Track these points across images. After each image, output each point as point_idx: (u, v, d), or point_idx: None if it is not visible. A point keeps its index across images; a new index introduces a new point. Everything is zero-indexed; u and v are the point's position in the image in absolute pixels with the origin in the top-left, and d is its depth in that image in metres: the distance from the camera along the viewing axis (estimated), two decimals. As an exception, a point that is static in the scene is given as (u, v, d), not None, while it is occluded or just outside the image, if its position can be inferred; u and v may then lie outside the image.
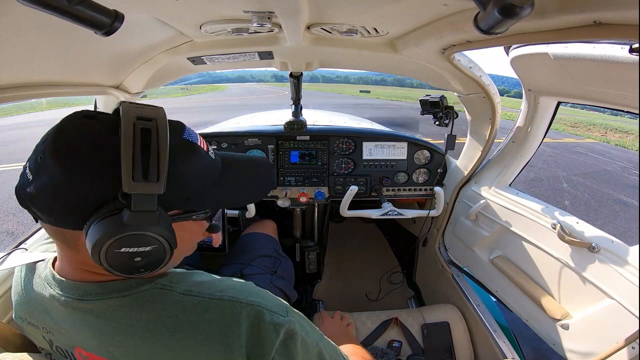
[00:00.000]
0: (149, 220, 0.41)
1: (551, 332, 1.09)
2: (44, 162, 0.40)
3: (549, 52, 0.84)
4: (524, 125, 1.24)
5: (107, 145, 0.40)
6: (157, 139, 0.40)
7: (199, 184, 0.48)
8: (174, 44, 0.99)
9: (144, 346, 0.47)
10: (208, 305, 0.48)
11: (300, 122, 1.62)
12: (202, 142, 0.50)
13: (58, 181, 0.40)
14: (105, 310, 0.48)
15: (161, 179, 0.40)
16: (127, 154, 0.38)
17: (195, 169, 0.47)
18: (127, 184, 0.38)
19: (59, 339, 0.54)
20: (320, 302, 1.99)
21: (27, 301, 0.56)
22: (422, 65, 1.06)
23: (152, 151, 0.40)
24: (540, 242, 1.16)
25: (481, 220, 1.44)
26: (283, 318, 0.51)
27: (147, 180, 0.39)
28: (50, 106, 17.61)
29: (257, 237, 1.52)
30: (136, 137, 0.39)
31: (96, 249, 0.40)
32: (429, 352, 1.31)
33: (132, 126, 0.39)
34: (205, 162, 0.49)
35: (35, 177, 0.41)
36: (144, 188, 0.39)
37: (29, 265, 0.59)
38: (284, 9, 0.68)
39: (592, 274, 0.99)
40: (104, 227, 0.39)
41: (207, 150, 0.50)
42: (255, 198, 0.62)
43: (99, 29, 0.47)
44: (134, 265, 0.43)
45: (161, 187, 0.40)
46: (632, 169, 9.00)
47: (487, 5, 0.41)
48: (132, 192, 0.39)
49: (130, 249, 0.41)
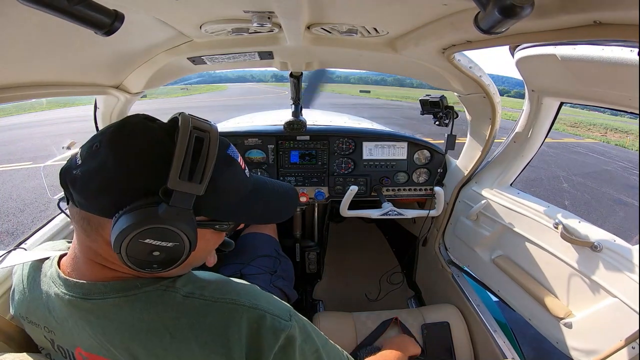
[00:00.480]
0: (183, 217, 0.43)
1: (554, 330, 1.10)
2: (99, 149, 0.44)
3: (556, 53, 0.84)
4: (526, 125, 1.24)
5: (162, 144, 0.44)
6: (208, 148, 0.44)
7: (230, 196, 0.50)
8: (174, 44, 0.99)
9: (144, 347, 0.47)
10: (210, 308, 0.49)
11: (300, 122, 1.62)
12: (242, 161, 0.53)
13: (108, 167, 0.42)
14: (108, 309, 0.48)
15: (204, 182, 0.43)
16: (180, 155, 0.42)
17: (230, 181, 0.50)
18: (173, 180, 0.41)
19: (60, 339, 0.54)
20: (320, 302, 1.99)
21: (30, 299, 0.56)
22: (422, 65, 1.06)
23: (201, 157, 0.43)
24: (542, 242, 1.16)
25: (482, 220, 1.44)
26: (285, 323, 0.51)
27: (191, 180, 0.42)
28: (50, 106, 17.63)
29: (257, 237, 1.52)
30: (190, 142, 0.42)
31: (123, 234, 0.41)
32: (429, 352, 1.31)
33: (188, 132, 0.43)
34: (240, 177, 0.52)
35: (84, 162, 0.44)
36: (186, 187, 0.42)
37: (34, 263, 0.59)
38: (284, 9, 0.68)
39: (594, 272, 0.99)
40: (139, 216, 0.41)
41: (244, 169, 0.54)
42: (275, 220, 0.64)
43: (99, 29, 0.47)
44: (150, 260, 0.44)
45: (202, 189, 0.43)
46: (632, 169, 9.00)
47: (487, 5, 0.41)
48: (175, 189, 0.42)
49: (154, 242, 0.43)
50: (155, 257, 0.44)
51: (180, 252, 0.45)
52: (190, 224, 0.44)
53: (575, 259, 1.05)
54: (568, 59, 0.83)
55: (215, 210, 0.50)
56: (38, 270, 0.57)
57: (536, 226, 1.19)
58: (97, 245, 0.48)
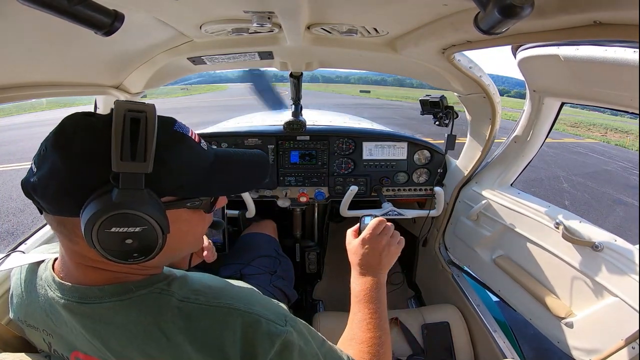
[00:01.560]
0: (137, 198, 0.42)
1: (555, 330, 1.10)
2: (46, 152, 0.44)
3: (559, 54, 0.84)
4: (527, 126, 1.24)
5: (102, 134, 0.43)
6: (146, 126, 0.43)
7: (189, 171, 0.49)
8: (174, 44, 0.99)
9: (140, 351, 0.47)
10: (205, 313, 0.48)
11: (300, 122, 1.62)
12: (194, 134, 0.52)
13: (58, 168, 0.42)
14: (104, 313, 0.48)
15: (148, 159, 0.42)
16: (117, 137, 0.41)
17: (184, 157, 0.48)
18: (115, 163, 0.41)
19: (57, 343, 0.54)
20: (320, 302, 1.99)
21: (27, 303, 0.56)
22: (422, 65, 1.06)
23: (140, 136, 0.42)
24: (543, 242, 1.17)
25: (482, 220, 1.44)
26: (281, 328, 0.51)
27: (134, 160, 0.42)
28: (50, 106, 17.61)
29: (257, 237, 1.52)
30: (125, 124, 0.42)
31: (88, 229, 0.41)
32: (429, 352, 1.31)
33: (122, 116, 0.42)
34: (195, 151, 0.50)
35: (39, 168, 0.44)
36: (131, 167, 0.42)
37: (30, 266, 0.59)
38: (284, 9, 0.68)
39: (595, 272, 1.00)
40: (95, 206, 0.41)
41: (198, 142, 0.52)
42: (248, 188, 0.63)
43: (99, 29, 0.47)
44: (127, 249, 0.44)
45: (148, 167, 0.42)
46: (632, 169, 9.00)
47: (487, 5, 0.41)
48: (120, 171, 0.41)
49: (120, 229, 0.42)
50: (130, 245, 0.44)
51: (153, 236, 0.44)
52: (152, 205, 0.43)
53: (576, 258, 1.05)
54: (571, 60, 0.83)
55: (179, 188, 0.49)
56: (34, 274, 0.57)
57: (537, 226, 1.19)
58: (80, 248, 0.47)
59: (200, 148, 0.52)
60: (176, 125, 0.50)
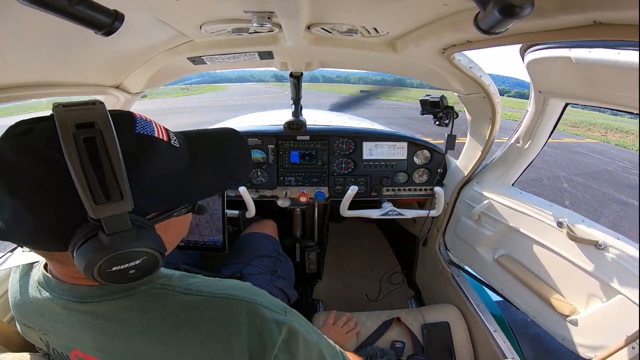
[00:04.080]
0: (129, 238, 0.39)
1: (560, 328, 1.10)
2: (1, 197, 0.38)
3: (571, 56, 0.84)
4: (530, 126, 1.23)
5: (50, 158, 0.36)
6: (105, 145, 0.36)
7: (169, 181, 0.44)
8: (174, 44, 0.99)
9: (145, 346, 0.47)
10: (208, 304, 0.48)
11: (300, 122, 1.62)
12: (160, 130, 0.44)
13: (19, 213, 0.37)
14: (106, 311, 0.48)
15: (125, 194, 0.37)
16: (79, 177, 0.35)
17: (160, 168, 0.43)
18: (91, 210, 0.36)
19: (55, 341, 0.54)
20: (320, 302, 1.99)
21: (21, 303, 0.56)
22: (422, 65, 1.06)
23: (104, 164, 0.36)
24: (546, 241, 1.17)
25: (484, 220, 1.44)
26: (283, 317, 0.51)
27: (110, 200, 0.36)
28: (50, 106, 17.59)
29: (257, 237, 1.52)
30: (82, 153, 0.35)
31: (88, 271, 0.39)
32: (429, 352, 1.31)
33: (73, 139, 0.35)
34: (168, 156, 0.44)
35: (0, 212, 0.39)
36: (110, 210, 0.36)
37: (25, 267, 0.59)
38: (284, 9, 0.68)
39: (599, 270, 1.00)
40: (87, 253, 0.38)
41: (167, 140, 0.45)
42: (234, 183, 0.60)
43: (99, 29, 0.47)
44: (131, 277, 0.43)
45: (128, 204, 0.37)
46: (632, 169, 8.99)
47: (487, 5, 0.41)
48: (100, 217, 0.36)
49: (121, 267, 0.40)
50: (133, 274, 0.43)
51: (153, 260, 0.43)
52: (145, 235, 0.40)
53: (580, 257, 1.05)
54: (583, 62, 0.83)
55: (162, 203, 0.45)
56: (28, 274, 0.57)
57: (539, 225, 1.19)
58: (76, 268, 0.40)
59: (172, 148, 0.45)
60: (137, 124, 0.42)
